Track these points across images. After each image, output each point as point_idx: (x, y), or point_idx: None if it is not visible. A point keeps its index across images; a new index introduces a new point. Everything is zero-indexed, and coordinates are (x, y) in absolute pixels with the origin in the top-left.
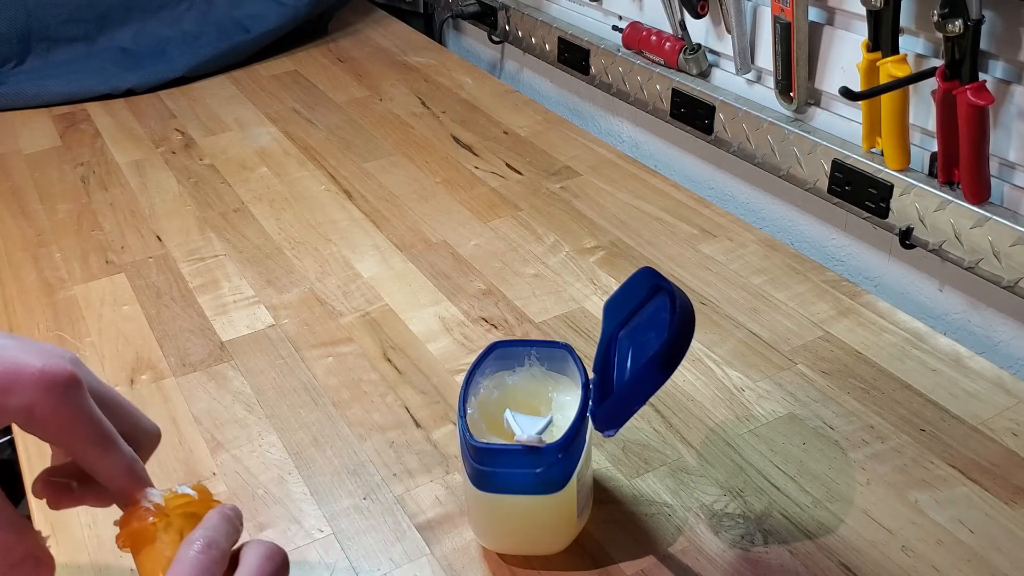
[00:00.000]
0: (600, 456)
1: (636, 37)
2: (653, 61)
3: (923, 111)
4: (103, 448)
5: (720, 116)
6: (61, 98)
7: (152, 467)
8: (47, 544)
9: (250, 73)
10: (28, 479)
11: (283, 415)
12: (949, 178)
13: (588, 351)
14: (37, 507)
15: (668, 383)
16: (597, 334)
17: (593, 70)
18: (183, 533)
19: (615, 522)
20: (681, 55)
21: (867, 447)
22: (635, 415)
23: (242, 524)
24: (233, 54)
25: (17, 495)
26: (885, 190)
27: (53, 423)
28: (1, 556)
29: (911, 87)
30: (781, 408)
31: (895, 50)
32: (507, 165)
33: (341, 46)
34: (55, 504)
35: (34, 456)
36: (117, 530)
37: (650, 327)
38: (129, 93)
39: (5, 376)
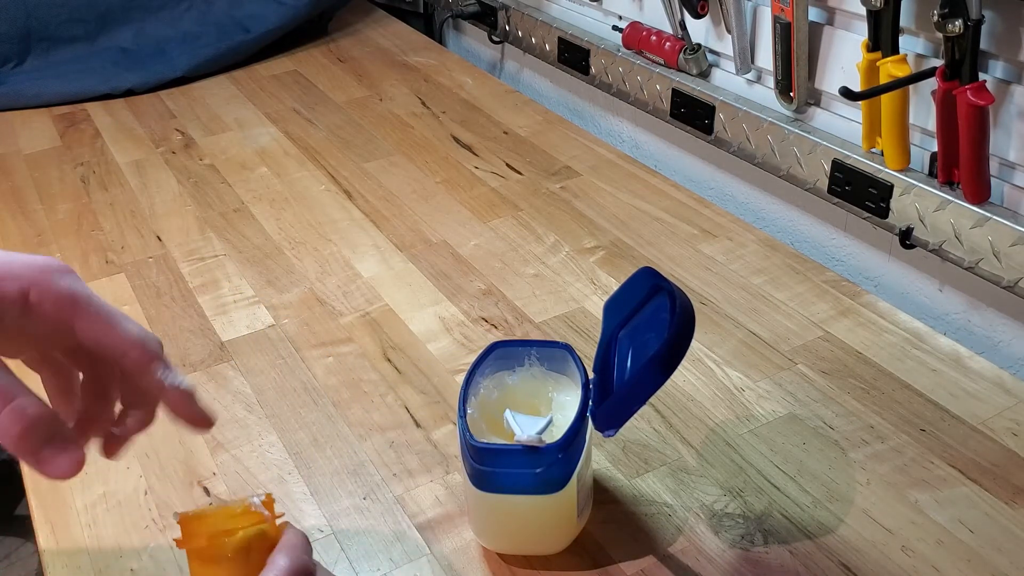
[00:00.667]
0: (600, 456)
1: (636, 37)
2: (653, 61)
3: (923, 111)
4: (111, 322)
5: (720, 116)
6: (61, 98)
7: (153, 467)
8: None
9: (250, 73)
10: (28, 479)
11: (283, 415)
12: (949, 178)
13: (588, 351)
14: (37, 505)
15: (668, 383)
16: (597, 334)
17: (593, 70)
18: (251, 551)
19: (615, 522)
20: (681, 55)
21: (867, 447)
22: (635, 415)
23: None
24: (233, 54)
25: (17, 495)
26: (885, 190)
27: (52, 304)
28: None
29: (911, 87)
30: (781, 408)
31: (895, 50)
32: (507, 165)
33: (341, 46)
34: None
35: None
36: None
37: (650, 327)
38: (129, 93)
39: None
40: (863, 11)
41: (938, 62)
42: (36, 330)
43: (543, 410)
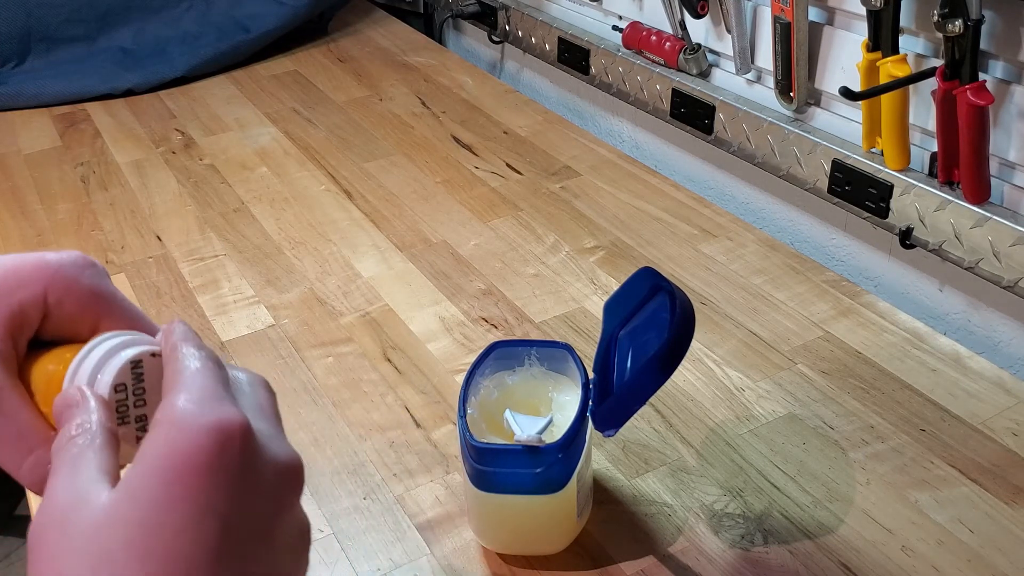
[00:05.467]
0: (600, 456)
1: (636, 37)
2: (653, 61)
3: (923, 111)
4: (137, 320)
5: (720, 116)
6: (61, 98)
7: None
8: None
9: (250, 73)
10: None
11: (283, 415)
12: (949, 178)
13: (588, 351)
14: (37, 504)
15: (668, 383)
16: (597, 334)
17: (593, 70)
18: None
19: (615, 522)
20: (681, 55)
21: (867, 447)
22: (635, 415)
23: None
24: (233, 54)
25: (17, 495)
26: (885, 190)
27: (73, 305)
28: None
29: (911, 87)
30: (781, 408)
31: (895, 50)
32: (507, 165)
33: (341, 46)
34: None
35: None
36: None
37: (650, 327)
38: (129, 93)
39: (8, 274)
40: (863, 11)
41: (938, 62)
42: (64, 328)
43: (543, 410)
